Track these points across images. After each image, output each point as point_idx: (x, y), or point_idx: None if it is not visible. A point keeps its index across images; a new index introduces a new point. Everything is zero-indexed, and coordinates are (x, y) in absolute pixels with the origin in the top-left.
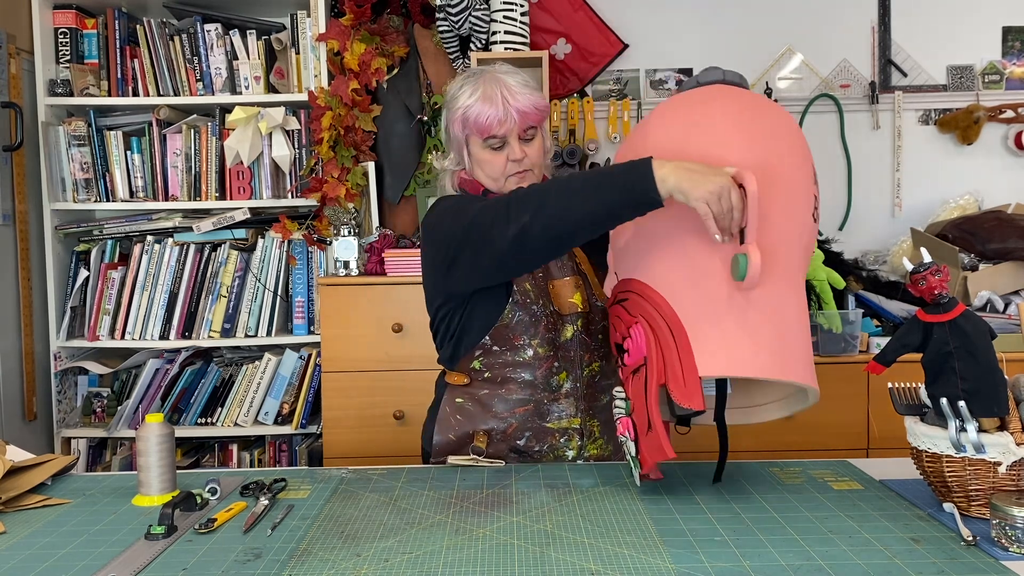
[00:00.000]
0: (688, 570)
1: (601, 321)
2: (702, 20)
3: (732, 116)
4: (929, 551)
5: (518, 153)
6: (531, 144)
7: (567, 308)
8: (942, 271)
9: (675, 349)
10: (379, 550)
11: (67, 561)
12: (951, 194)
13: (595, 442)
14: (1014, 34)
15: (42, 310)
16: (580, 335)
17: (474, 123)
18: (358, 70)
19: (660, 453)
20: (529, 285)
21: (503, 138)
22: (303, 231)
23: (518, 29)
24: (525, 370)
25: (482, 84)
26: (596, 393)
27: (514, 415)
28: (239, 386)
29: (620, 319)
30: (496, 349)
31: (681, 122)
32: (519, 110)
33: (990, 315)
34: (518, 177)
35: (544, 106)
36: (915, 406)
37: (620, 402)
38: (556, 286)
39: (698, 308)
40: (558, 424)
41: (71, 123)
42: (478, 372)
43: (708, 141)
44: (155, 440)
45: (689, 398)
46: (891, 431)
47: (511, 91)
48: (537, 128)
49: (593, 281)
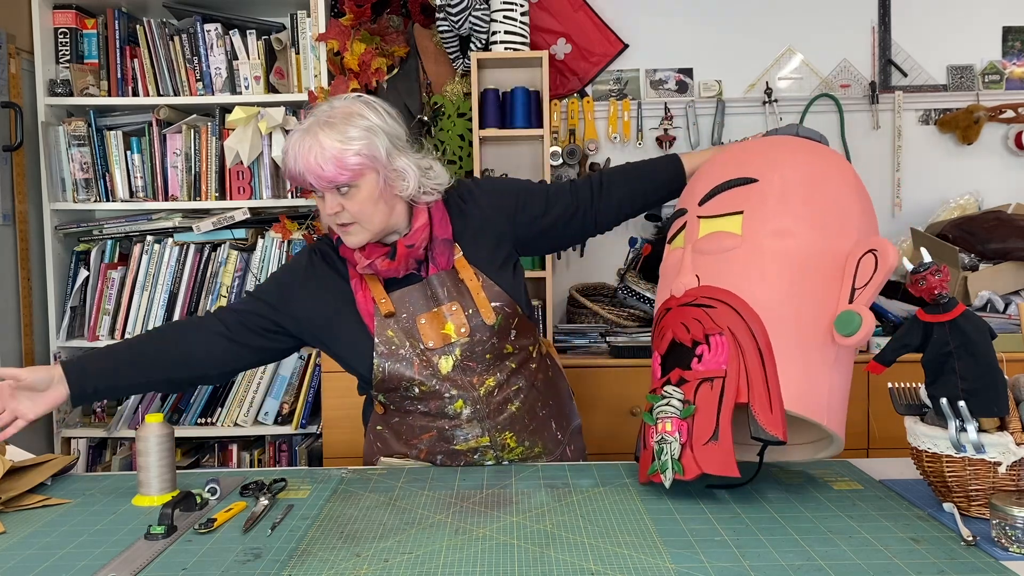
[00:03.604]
0: (688, 570)
1: (489, 339)
2: (702, 20)
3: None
4: (929, 551)
5: (331, 207)
6: (350, 197)
7: (440, 341)
8: (942, 271)
9: (763, 373)
10: (379, 550)
11: (67, 561)
12: (951, 194)
13: (512, 451)
14: (1014, 34)
15: (42, 310)
16: (461, 363)
17: (291, 177)
18: (358, 70)
19: (725, 468)
20: (392, 332)
21: (321, 190)
22: (303, 231)
23: (518, 29)
24: (420, 403)
25: (293, 142)
26: (500, 406)
27: (422, 442)
28: (239, 386)
29: (700, 322)
30: (387, 392)
31: (726, 163)
32: (313, 172)
33: (990, 315)
34: (341, 229)
35: (355, 162)
36: (915, 406)
37: (676, 403)
38: (426, 320)
39: (788, 341)
40: (466, 445)
41: (71, 123)
42: (385, 404)
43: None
44: (155, 440)
45: (775, 426)
46: (891, 431)
47: (312, 151)
48: (359, 180)
49: (479, 298)
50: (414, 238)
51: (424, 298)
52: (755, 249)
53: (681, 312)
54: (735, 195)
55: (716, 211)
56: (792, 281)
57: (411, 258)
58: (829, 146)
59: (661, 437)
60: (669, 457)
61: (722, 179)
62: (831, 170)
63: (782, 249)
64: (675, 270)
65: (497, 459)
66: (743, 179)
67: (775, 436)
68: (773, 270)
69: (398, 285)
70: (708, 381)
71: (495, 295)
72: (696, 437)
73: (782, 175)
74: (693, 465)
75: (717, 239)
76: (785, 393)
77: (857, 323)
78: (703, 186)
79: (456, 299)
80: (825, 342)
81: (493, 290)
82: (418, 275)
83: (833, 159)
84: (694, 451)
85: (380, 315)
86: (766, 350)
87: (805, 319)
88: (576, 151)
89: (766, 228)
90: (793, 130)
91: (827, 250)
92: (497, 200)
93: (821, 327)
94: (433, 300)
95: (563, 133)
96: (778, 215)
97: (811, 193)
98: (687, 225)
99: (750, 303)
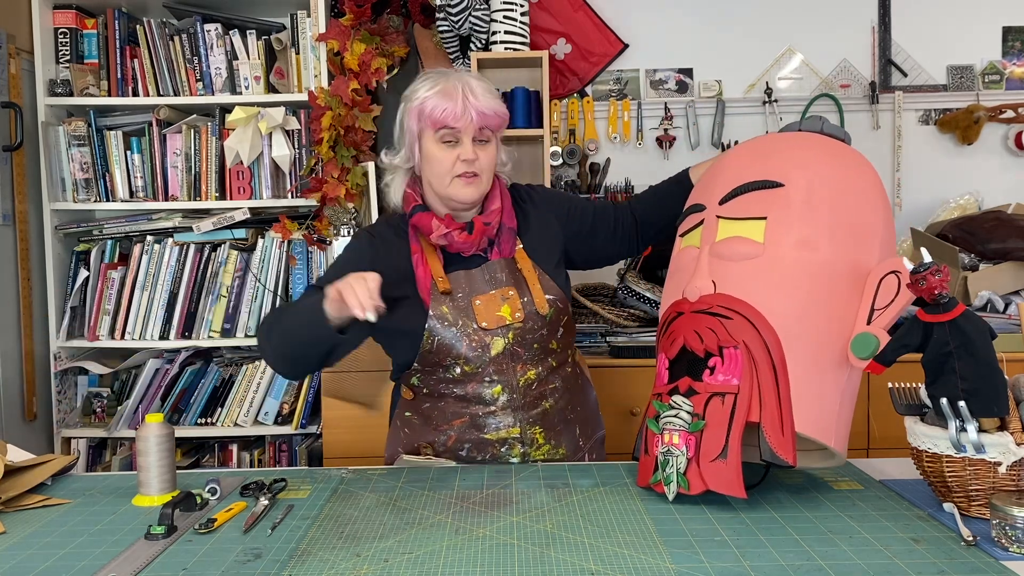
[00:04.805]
0: (688, 570)
1: (540, 328)
2: (702, 20)
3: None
4: (929, 551)
5: (469, 153)
6: (484, 148)
7: (494, 322)
8: (942, 271)
9: (776, 393)
10: (379, 550)
11: (67, 561)
12: (951, 194)
13: (539, 448)
14: (1014, 34)
15: (42, 310)
16: (511, 347)
17: (430, 114)
18: (358, 70)
19: (732, 488)
20: (447, 308)
21: (457, 134)
22: (303, 231)
23: (518, 29)
24: (457, 386)
25: (444, 80)
26: (535, 400)
27: (452, 427)
28: (239, 386)
29: (714, 333)
30: (427, 368)
31: (749, 158)
32: (478, 110)
33: (990, 315)
34: (464, 179)
35: (504, 114)
36: (915, 406)
37: (685, 415)
38: (482, 301)
39: (803, 359)
40: (496, 435)
41: (71, 123)
42: (418, 388)
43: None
44: (155, 440)
45: (785, 450)
46: (891, 431)
47: (472, 91)
48: (493, 134)
49: (534, 288)
50: (491, 217)
51: (482, 280)
52: (776, 260)
53: (695, 319)
54: (759, 198)
55: (738, 213)
56: (812, 297)
57: (485, 236)
58: (852, 144)
59: (667, 449)
60: (675, 471)
61: (745, 178)
62: (859, 178)
63: (804, 262)
64: (689, 269)
65: (523, 456)
66: (768, 182)
67: (785, 460)
68: (793, 284)
69: (457, 266)
70: (719, 396)
71: (549, 288)
72: (704, 453)
73: (808, 180)
74: (699, 481)
75: (737, 244)
76: (796, 414)
77: (874, 346)
78: (724, 183)
79: (513, 285)
80: (840, 362)
81: (548, 284)
82: (480, 257)
83: (860, 164)
84: (701, 467)
85: (437, 291)
86: (780, 367)
87: (821, 337)
88: (576, 151)
89: (789, 238)
90: (818, 126)
91: (849, 265)
92: (551, 206)
93: (837, 347)
94: (491, 283)
95: (563, 133)
96: (802, 225)
97: (837, 202)
98: (705, 223)
99: (767, 316)
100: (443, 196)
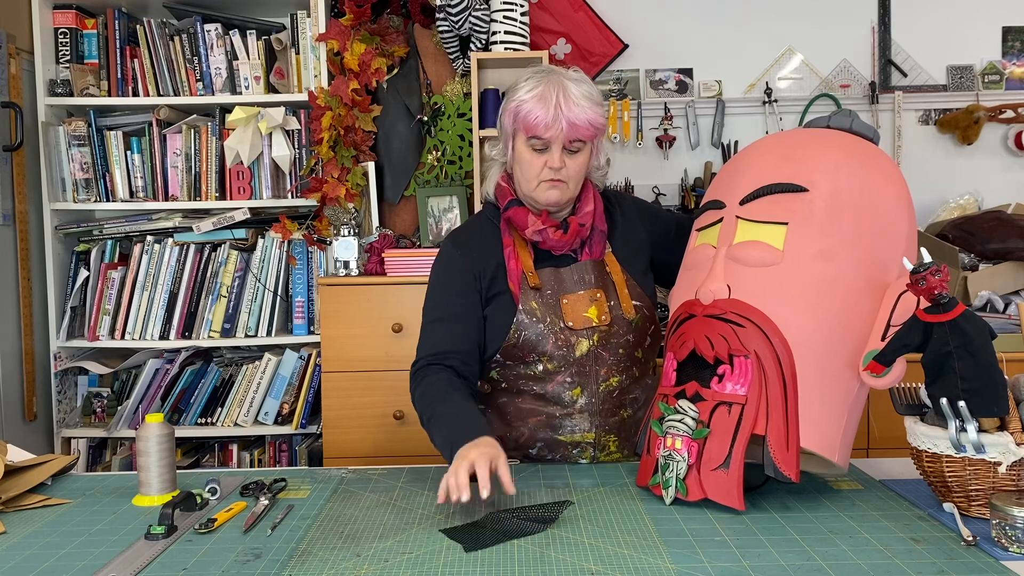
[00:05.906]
0: (688, 570)
1: (625, 334)
2: (702, 20)
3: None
4: (929, 551)
5: (557, 162)
6: (575, 157)
7: (580, 323)
8: (942, 271)
9: (783, 407)
10: (379, 550)
11: (67, 561)
12: (951, 194)
13: (610, 455)
14: (1014, 34)
15: (42, 310)
16: (595, 350)
17: (523, 119)
18: (358, 70)
19: (730, 499)
20: (536, 303)
21: (547, 142)
22: (303, 231)
23: (518, 29)
24: (537, 384)
25: (543, 84)
26: (614, 408)
27: (527, 425)
28: (239, 386)
29: (726, 340)
30: (509, 363)
31: (773, 157)
32: (570, 120)
33: (990, 315)
34: (550, 184)
35: (600, 124)
36: (915, 406)
37: (690, 421)
38: (569, 300)
39: (814, 374)
40: (571, 438)
41: (71, 123)
42: (496, 382)
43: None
44: (155, 440)
45: (789, 466)
46: (891, 431)
47: (568, 99)
48: (585, 143)
49: (622, 292)
50: (585, 219)
51: (571, 280)
52: (795, 270)
53: (707, 324)
54: (781, 202)
55: (758, 216)
56: (828, 311)
57: (578, 237)
58: (879, 144)
59: (669, 453)
60: (674, 475)
61: (769, 179)
62: (886, 186)
63: (823, 275)
64: (704, 268)
65: (592, 460)
66: (792, 185)
67: (788, 477)
68: (810, 297)
69: (547, 263)
70: (726, 405)
71: (637, 295)
72: (706, 461)
73: (834, 187)
74: (698, 489)
75: (756, 249)
76: (803, 429)
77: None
78: (747, 182)
79: (601, 287)
80: (850, 378)
81: (635, 289)
82: (569, 257)
83: (888, 172)
84: (701, 475)
85: (527, 285)
86: (791, 381)
87: (834, 351)
88: None
89: (810, 248)
90: (847, 123)
91: (869, 279)
92: (639, 215)
93: (850, 363)
94: (580, 283)
95: None
96: (824, 235)
97: (862, 212)
98: (723, 222)
99: (781, 328)
100: (527, 197)
